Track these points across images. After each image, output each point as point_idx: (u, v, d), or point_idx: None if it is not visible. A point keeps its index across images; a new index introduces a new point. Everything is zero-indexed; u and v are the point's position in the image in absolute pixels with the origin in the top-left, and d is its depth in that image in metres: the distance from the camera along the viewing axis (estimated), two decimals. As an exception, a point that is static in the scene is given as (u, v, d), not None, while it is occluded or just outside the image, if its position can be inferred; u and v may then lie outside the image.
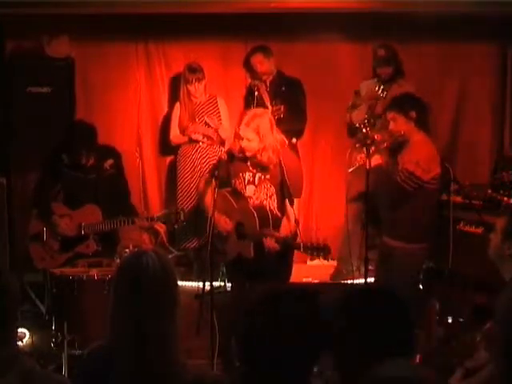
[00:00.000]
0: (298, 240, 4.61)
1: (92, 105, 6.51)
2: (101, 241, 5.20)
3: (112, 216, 5.12)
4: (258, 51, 6.29)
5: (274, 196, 4.68)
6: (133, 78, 6.74)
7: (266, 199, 4.70)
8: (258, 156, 4.61)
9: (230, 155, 4.79)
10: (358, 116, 6.06)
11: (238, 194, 4.76)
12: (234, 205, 4.71)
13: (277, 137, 4.68)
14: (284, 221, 4.67)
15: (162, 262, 2.41)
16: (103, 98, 6.42)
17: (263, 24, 6.29)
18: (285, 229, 4.65)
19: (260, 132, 4.55)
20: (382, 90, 5.95)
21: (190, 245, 6.34)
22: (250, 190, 4.72)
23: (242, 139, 4.59)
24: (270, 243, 4.55)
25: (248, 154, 4.63)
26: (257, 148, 4.59)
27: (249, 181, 4.73)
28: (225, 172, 4.75)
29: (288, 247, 4.61)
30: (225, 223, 4.69)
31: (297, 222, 4.55)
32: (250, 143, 4.58)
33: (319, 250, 4.41)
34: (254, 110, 4.96)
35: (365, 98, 6.10)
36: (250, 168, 4.70)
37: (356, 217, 5.95)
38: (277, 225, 4.65)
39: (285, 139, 4.86)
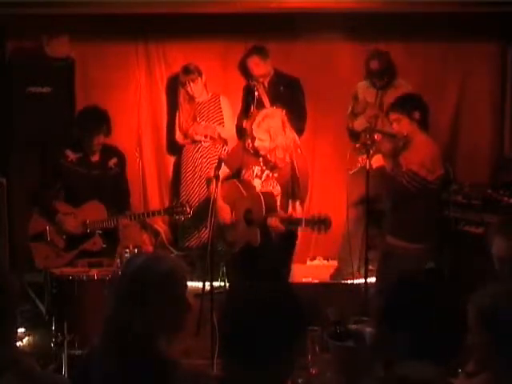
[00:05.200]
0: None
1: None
2: (106, 239, 5.23)
3: (114, 213, 5.14)
4: (254, 53, 6.23)
5: (279, 195, 4.76)
6: (133, 77, 6.74)
7: None
8: (269, 156, 4.72)
9: (243, 148, 4.92)
10: (361, 125, 6.09)
11: (247, 183, 4.88)
12: (244, 192, 4.81)
13: (289, 136, 4.78)
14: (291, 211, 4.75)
15: (160, 264, 2.42)
16: (103, 98, 6.41)
17: (263, 24, 6.28)
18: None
19: (271, 132, 4.68)
20: (380, 99, 5.98)
21: (192, 243, 6.34)
22: (256, 184, 4.86)
23: (255, 139, 4.70)
24: (274, 222, 4.61)
25: (262, 152, 4.77)
26: (269, 147, 4.73)
27: (257, 175, 4.87)
28: (239, 161, 4.91)
29: (292, 227, 4.66)
30: (225, 213, 4.77)
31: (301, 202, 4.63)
32: (263, 143, 4.73)
33: (320, 223, 4.48)
34: (265, 111, 5.06)
35: (364, 111, 6.09)
36: (261, 164, 4.79)
37: (356, 217, 5.95)
38: (283, 210, 4.74)
39: (297, 139, 4.94)
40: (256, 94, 6.15)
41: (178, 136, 6.43)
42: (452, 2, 5.87)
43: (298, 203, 4.76)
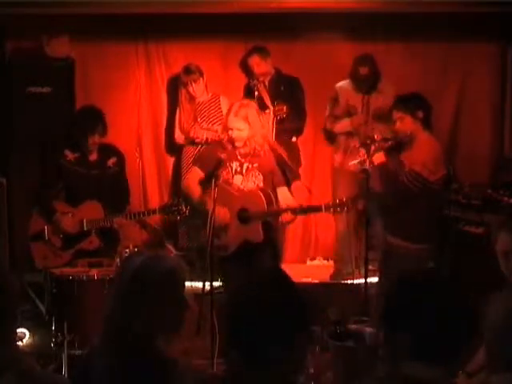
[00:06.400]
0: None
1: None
2: (103, 238, 5.23)
3: (112, 213, 5.15)
4: (255, 53, 6.25)
5: (262, 184, 4.73)
6: (133, 77, 6.75)
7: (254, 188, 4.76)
8: (248, 143, 4.67)
9: (218, 146, 4.83)
10: (343, 128, 6.09)
11: (233, 185, 4.78)
12: (235, 193, 4.73)
13: (265, 125, 4.77)
14: (289, 197, 4.76)
15: (160, 264, 2.42)
16: (103, 98, 6.42)
17: (263, 24, 6.28)
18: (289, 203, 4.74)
19: (249, 120, 4.65)
20: (367, 105, 5.98)
21: (191, 243, 6.34)
22: (237, 180, 4.77)
23: (232, 130, 4.67)
24: (288, 217, 4.65)
25: (238, 143, 4.70)
26: (247, 135, 4.68)
27: (236, 171, 4.76)
28: (213, 161, 4.70)
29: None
30: (224, 215, 4.71)
31: (309, 190, 4.60)
32: (241, 132, 4.67)
33: (342, 206, 4.46)
34: (239, 101, 5.03)
35: (345, 114, 6.09)
36: (239, 157, 4.74)
37: (356, 217, 5.95)
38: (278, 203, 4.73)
39: (270, 129, 4.93)
40: (256, 93, 6.15)
41: (178, 136, 6.43)
42: (452, 2, 5.87)
43: (299, 182, 4.74)
